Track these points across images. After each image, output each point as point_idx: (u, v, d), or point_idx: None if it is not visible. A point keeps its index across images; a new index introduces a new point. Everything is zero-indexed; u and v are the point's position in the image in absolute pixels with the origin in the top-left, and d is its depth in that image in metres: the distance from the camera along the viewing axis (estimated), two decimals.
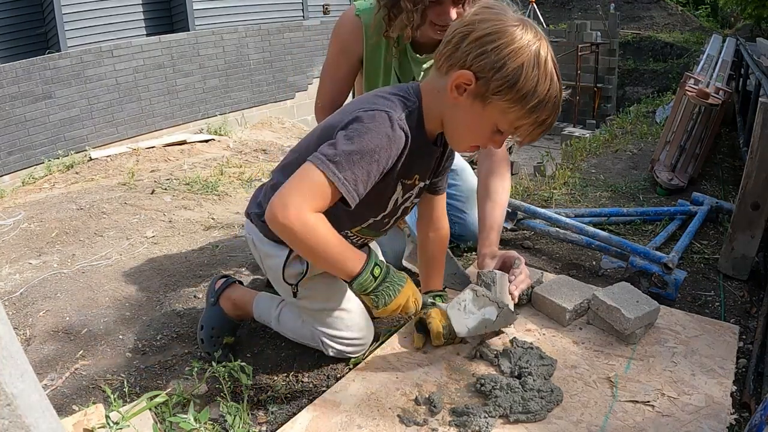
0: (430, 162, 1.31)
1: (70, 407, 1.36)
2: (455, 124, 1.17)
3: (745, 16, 12.04)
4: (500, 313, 1.36)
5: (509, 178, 1.72)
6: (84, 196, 3.46)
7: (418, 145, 1.19)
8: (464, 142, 1.20)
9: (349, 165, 1.07)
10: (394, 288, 1.20)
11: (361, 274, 1.16)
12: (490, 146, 1.18)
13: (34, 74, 6.34)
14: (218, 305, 1.55)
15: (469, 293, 1.34)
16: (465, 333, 1.34)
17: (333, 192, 1.08)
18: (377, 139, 1.09)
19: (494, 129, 1.13)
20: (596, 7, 15.44)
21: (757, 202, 1.74)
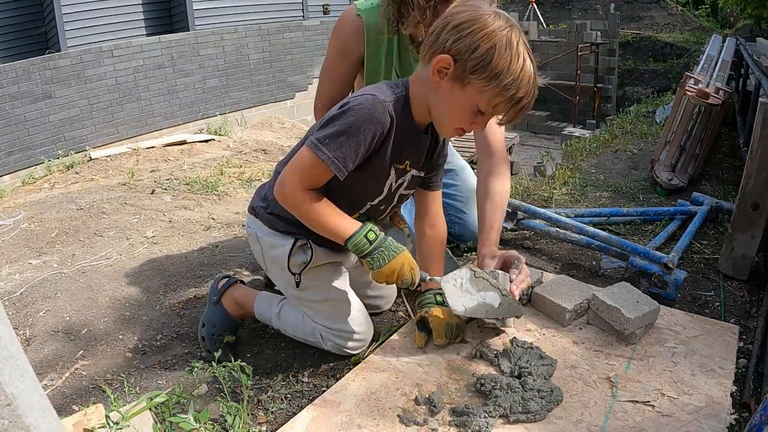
0: (420, 149, 1.37)
1: (70, 407, 1.36)
2: (439, 107, 1.25)
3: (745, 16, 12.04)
4: (503, 302, 1.35)
5: (509, 179, 1.72)
6: (84, 196, 3.46)
7: (406, 130, 1.28)
8: (449, 125, 1.27)
9: (337, 144, 1.19)
10: (389, 253, 1.27)
11: (355, 235, 1.26)
12: (475, 128, 1.26)
13: (34, 74, 6.35)
14: (220, 304, 1.56)
15: (467, 272, 1.34)
16: (461, 311, 1.34)
17: (324, 169, 1.21)
18: (362, 119, 1.19)
19: (474, 110, 1.20)
20: (596, 7, 15.45)
21: (757, 202, 1.74)
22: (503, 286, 1.42)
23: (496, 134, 1.73)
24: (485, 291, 1.34)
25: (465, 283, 1.34)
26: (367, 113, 1.19)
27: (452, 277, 1.35)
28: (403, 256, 1.28)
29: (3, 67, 6.17)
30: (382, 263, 1.26)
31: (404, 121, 1.27)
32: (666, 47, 13.34)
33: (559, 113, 13.20)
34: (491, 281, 1.35)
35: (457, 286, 1.34)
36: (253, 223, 1.46)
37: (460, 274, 1.35)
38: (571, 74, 12.69)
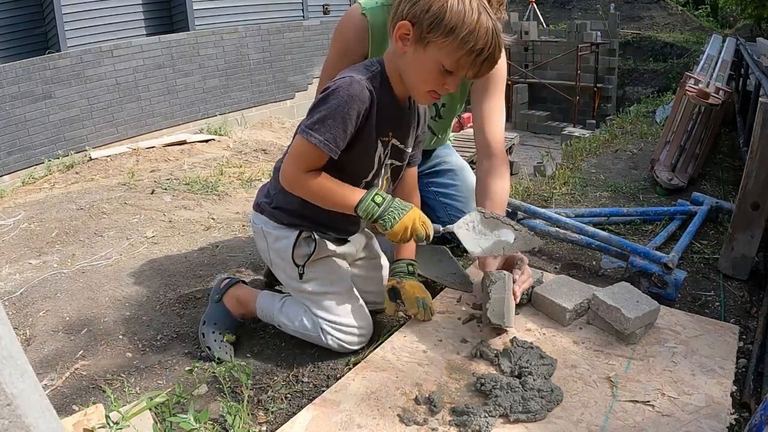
0: (403, 122, 1.42)
1: (70, 407, 1.37)
2: (408, 73, 1.30)
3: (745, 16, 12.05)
4: (518, 236, 1.38)
5: (508, 179, 1.71)
6: (84, 196, 3.46)
7: (387, 104, 1.34)
8: (420, 89, 1.30)
9: (325, 128, 1.26)
10: (399, 212, 1.32)
11: (363, 201, 1.32)
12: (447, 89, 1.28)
13: (34, 74, 6.34)
14: (221, 302, 1.58)
15: (476, 214, 1.38)
16: (479, 252, 1.38)
17: (318, 153, 1.28)
18: (344, 100, 1.25)
19: (441, 69, 1.24)
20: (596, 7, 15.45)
21: (757, 202, 1.74)
22: (498, 290, 1.43)
23: (496, 134, 1.72)
24: (498, 229, 1.37)
25: (477, 225, 1.37)
26: (346, 94, 1.25)
27: (463, 222, 1.39)
28: (414, 211, 1.34)
29: (3, 67, 6.17)
30: (394, 222, 1.31)
31: (384, 96, 1.32)
32: (666, 47, 13.34)
33: (559, 113, 13.21)
34: (501, 219, 1.38)
35: (470, 229, 1.37)
36: (259, 220, 1.50)
37: (470, 218, 1.39)
38: (571, 74, 12.70)
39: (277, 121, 7.96)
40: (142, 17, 8.56)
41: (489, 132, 1.71)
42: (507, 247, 1.38)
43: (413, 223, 1.32)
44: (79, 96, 6.79)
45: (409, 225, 1.32)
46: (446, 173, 2.06)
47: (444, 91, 1.30)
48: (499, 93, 1.74)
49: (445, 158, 2.09)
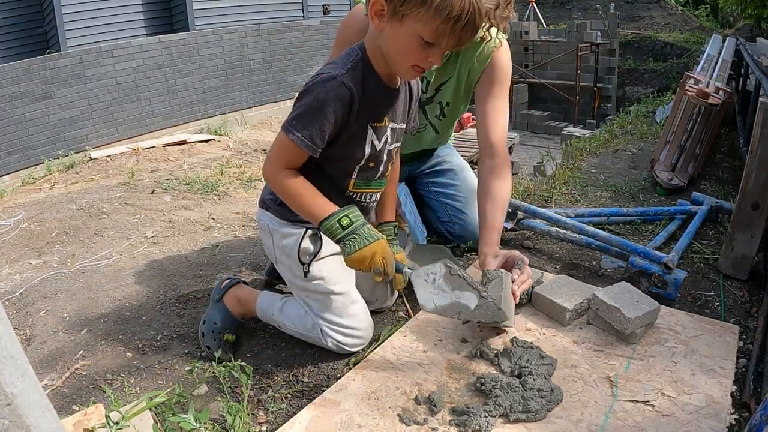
0: (395, 104, 1.40)
1: (71, 407, 1.37)
2: (389, 50, 1.26)
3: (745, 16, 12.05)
4: (482, 304, 1.27)
5: (510, 180, 1.72)
6: (84, 196, 3.46)
7: (375, 91, 1.31)
8: (403, 65, 1.26)
9: (303, 125, 1.26)
10: (362, 241, 1.29)
11: (328, 219, 1.30)
12: (431, 62, 1.24)
13: (34, 74, 6.35)
14: (222, 302, 1.57)
15: (441, 267, 1.27)
16: (431, 309, 1.29)
17: (296, 150, 1.28)
18: (320, 99, 1.25)
19: (420, 41, 1.20)
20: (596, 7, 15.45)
21: (756, 202, 1.74)
22: (504, 293, 1.41)
23: (499, 135, 1.72)
24: (461, 290, 1.26)
25: (438, 279, 1.27)
26: (323, 93, 1.24)
27: (425, 271, 1.29)
28: (377, 244, 1.29)
29: (3, 67, 6.17)
30: (352, 250, 1.28)
31: (370, 83, 1.30)
32: (666, 47, 13.34)
33: (559, 113, 13.21)
34: (468, 281, 1.27)
35: (429, 281, 1.28)
36: (265, 216, 1.49)
37: (434, 268, 1.28)
38: (571, 74, 12.70)
39: (277, 121, 7.97)
40: (142, 17, 8.57)
41: (492, 132, 1.71)
42: (465, 313, 1.27)
43: (373, 256, 1.28)
44: (79, 96, 6.79)
45: (368, 257, 1.28)
46: (446, 173, 2.06)
47: (428, 65, 1.26)
48: (504, 93, 1.75)
49: (446, 158, 2.09)
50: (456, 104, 1.86)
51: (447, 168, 2.07)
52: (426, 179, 2.09)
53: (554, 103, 13.25)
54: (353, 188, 1.43)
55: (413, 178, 2.11)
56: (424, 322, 1.54)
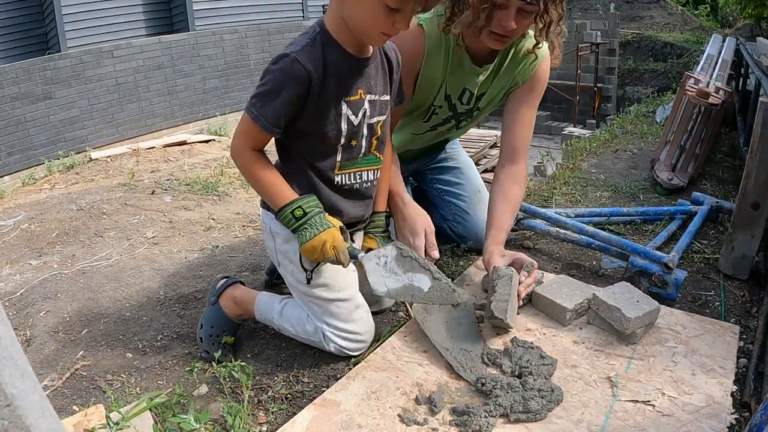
0: (369, 73, 1.34)
1: (71, 408, 1.37)
2: (354, 20, 1.23)
3: (745, 16, 12.04)
4: (435, 285, 1.23)
5: (524, 186, 1.76)
6: (84, 197, 3.46)
7: (337, 63, 1.28)
8: (371, 33, 1.23)
9: (263, 103, 1.25)
10: (312, 230, 1.28)
11: (283, 209, 1.29)
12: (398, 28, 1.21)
13: (35, 75, 6.35)
14: (217, 304, 1.55)
15: (393, 249, 1.25)
16: (383, 292, 1.27)
17: (256, 128, 1.26)
18: (278, 80, 1.23)
19: (386, 8, 1.16)
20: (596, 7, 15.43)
21: (757, 202, 1.73)
22: (510, 294, 1.41)
23: (525, 143, 1.75)
24: (413, 272, 1.23)
25: (390, 261, 1.24)
26: (281, 74, 1.23)
27: (376, 254, 1.27)
28: (327, 233, 1.28)
29: (3, 68, 6.17)
30: (303, 240, 1.28)
31: (332, 57, 1.27)
32: (666, 47, 13.33)
33: (559, 113, 13.20)
34: (420, 262, 1.23)
35: (380, 264, 1.25)
36: (268, 218, 1.46)
37: (385, 251, 1.26)
38: (571, 74, 12.69)
39: None
40: (143, 18, 8.58)
41: (519, 139, 1.73)
42: (418, 295, 1.23)
43: (323, 245, 1.27)
44: (80, 96, 6.80)
45: (318, 247, 1.27)
46: (452, 170, 2.06)
47: (395, 31, 1.22)
48: (537, 103, 1.77)
49: (453, 155, 2.09)
50: (487, 109, 1.87)
51: (453, 165, 2.07)
52: (430, 175, 2.09)
53: (554, 103, 13.24)
54: (340, 170, 1.38)
55: (417, 173, 2.12)
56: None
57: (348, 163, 1.39)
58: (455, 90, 1.70)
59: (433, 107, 1.74)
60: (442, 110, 1.76)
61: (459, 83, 1.68)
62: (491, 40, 1.48)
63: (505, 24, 1.41)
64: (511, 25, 1.41)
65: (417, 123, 1.81)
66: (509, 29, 1.42)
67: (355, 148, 1.38)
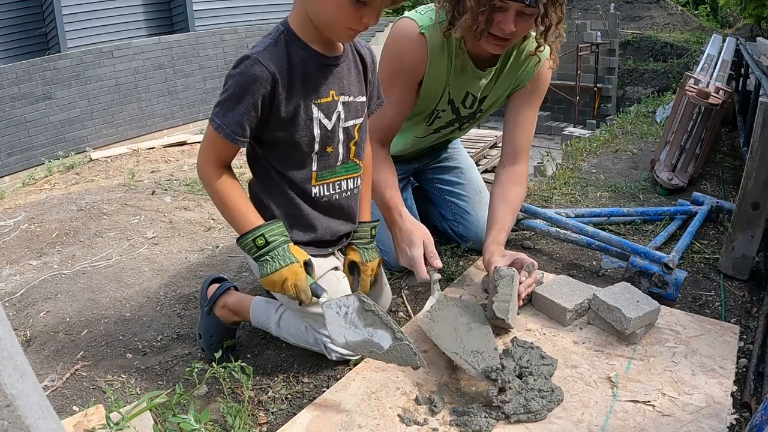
0: (337, 74, 1.28)
1: (71, 408, 1.37)
2: (319, 16, 1.17)
3: (745, 16, 12.03)
4: (396, 346, 1.16)
5: (526, 187, 1.76)
6: (84, 197, 3.46)
7: (303, 63, 1.21)
8: (337, 28, 1.18)
9: (224, 112, 1.18)
10: (274, 264, 1.20)
11: (245, 236, 1.23)
12: (366, 23, 1.16)
13: (35, 75, 6.35)
14: (213, 314, 1.51)
15: (355, 301, 1.19)
16: (342, 344, 1.22)
17: (220, 139, 1.19)
18: (241, 84, 1.16)
19: (352, 3, 1.11)
20: (596, 7, 15.43)
21: (757, 202, 1.73)
22: (510, 293, 1.41)
23: (526, 144, 1.75)
24: (374, 327, 1.17)
25: (351, 313, 1.18)
26: (242, 77, 1.15)
27: (337, 303, 1.20)
28: (288, 270, 1.20)
29: (3, 68, 6.18)
30: (264, 273, 1.21)
31: (298, 56, 1.20)
32: (666, 47, 13.32)
33: (559, 113, 13.20)
34: (383, 318, 1.17)
35: (341, 314, 1.19)
36: None
37: (347, 301, 1.19)
38: (571, 74, 12.69)
39: None
40: (143, 18, 8.58)
41: (520, 140, 1.74)
42: (377, 352, 1.17)
43: (284, 282, 1.20)
44: (80, 97, 6.80)
45: (278, 282, 1.20)
46: (452, 170, 2.06)
47: (363, 26, 1.16)
48: (538, 104, 1.77)
49: (454, 154, 2.10)
50: (490, 110, 1.87)
51: (454, 165, 2.07)
52: (431, 174, 2.09)
53: (554, 104, 13.24)
54: (317, 181, 1.31)
55: (418, 172, 2.12)
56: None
57: (325, 172, 1.32)
58: (458, 94, 1.70)
59: (437, 111, 1.74)
60: (445, 114, 1.76)
61: (462, 88, 1.68)
62: (491, 45, 1.49)
63: (504, 27, 1.41)
64: (510, 27, 1.41)
65: (420, 126, 1.81)
66: (509, 32, 1.42)
67: (332, 156, 1.32)
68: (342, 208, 1.39)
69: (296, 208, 1.32)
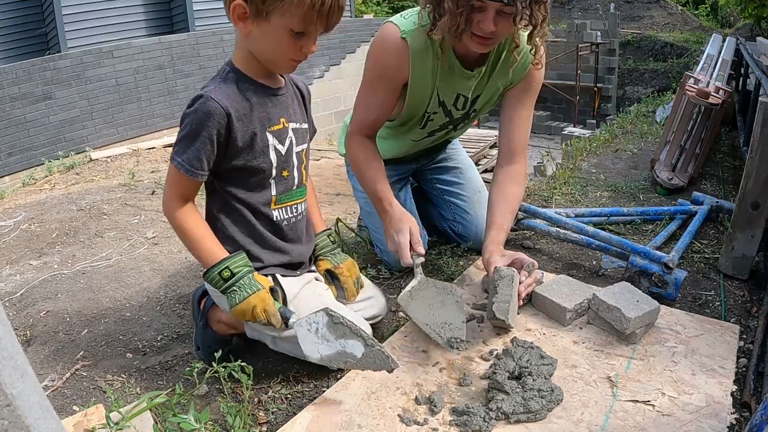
0: (284, 102, 1.37)
1: (71, 408, 1.37)
2: (262, 51, 1.25)
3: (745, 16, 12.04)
4: (369, 352, 1.20)
5: (524, 186, 1.76)
6: (84, 197, 3.47)
7: (254, 96, 1.29)
8: (280, 62, 1.27)
9: (183, 149, 1.24)
10: (241, 294, 1.25)
11: (211, 270, 1.27)
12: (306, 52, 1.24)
13: (35, 75, 6.35)
14: (209, 328, 1.50)
15: (323, 316, 1.23)
16: (317, 359, 1.26)
17: (181, 176, 1.25)
18: (197, 121, 1.22)
19: (291, 34, 1.19)
20: (596, 7, 15.43)
21: (757, 202, 1.73)
22: (505, 286, 1.42)
23: (522, 143, 1.75)
24: (345, 338, 1.22)
25: (322, 328, 1.23)
26: (197, 115, 1.21)
27: (306, 321, 1.25)
28: (256, 297, 1.25)
29: (3, 68, 6.18)
30: (233, 303, 1.25)
31: (248, 90, 1.28)
32: (666, 47, 13.33)
33: (559, 113, 13.21)
34: (352, 328, 1.21)
35: (311, 331, 1.24)
36: None
37: (316, 318, 1.24)
38: (571, 74, 12.69)
39: None
40: (143, 18, 8.58)
41: (515, 139, 1.74)
42: (352, 362, 1.22)
43: (253, 309, 1.24)
44: (80, 97, 6.80)
45: (248, 310, 1.24)
46: (452, 170, 2.06)
47: (303, 56, 1.25)
48: (532, 102, 1.77)
49: (453, 155, 2.10)
50: (483, 110, 1.87)
51: (453, 165, 2.07)
52: (431, 175, 2.09)
53: (554, 103, 13.25)
54: (277, 205, 1.38)
55: (417, 173, 2.12)
56: None
57: (283, 196, 1.39)
58: (449, 96, 1.70)
59: (428, 114, 1.74)
60: (437, 116, 1.76)
61: (452, 89, 1.68)
62: (475, 43, 1.48)
63: (484, 27, 1.41)
64: (490, 27, 1.40)
65: (414, 131, 1.82)
66: (488, 32, 1.42)
67: (289, 180, 1.39)
68: (300, 230, 1.46)
69: (259, 233, 1.38)
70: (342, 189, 4.65)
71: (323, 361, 1.26)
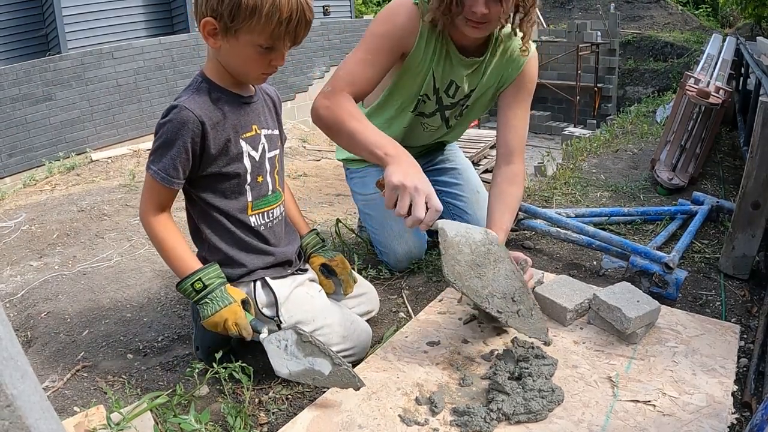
0: (255, 110, 1.39)
1: (71, 408, 1.37)
2: (232, 66, 1.29)
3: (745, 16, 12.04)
4: (336, 371, 1.22)
5: (523, 187, 1.75)
6: (85, 198, 3.47)
7: (226, 104, 1.31)
8: (250, 75, 1.31)
9: (159, 158, 1.26)
10: (213, 306, 1.27)
11: (184, 281, 1.28)
12: (275, 66, 1.29)
13: (35, 76, 6.35)
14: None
15: (292, 334, 1.25)
16: (285, 375, 1.28)
17: (156, 184, 1.27)
18: (172, 130, 1.24)
19: (260, 49, 1.23)
20: (596, 7, 15.43)
21: (757, 201, 1.73)
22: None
23: (520, 142, 1.74)
24: (313, 356, 1.24)
25: (291, 345, 1.26)
26: (171, 124, 1.24)
27: (276, 337, 1.28)
28: (227, 310, 1.26)
29: (4, 69, 6.18)
30: (206, 315, 1.27)
31: (220, 100, 1.30)
32: (666, 47, 13.33)
33: (559, 113, 13.21)
34: (320, 347, 1.23)
35: (281, 347, 1.27)
36: None
37: (285, 335, 1.27)
38: (571, 74, 12.69)
39: None
40: (143, 19, 8.58)
41: (513, 139, 1.73)
42: (319, 379, 1.24)
43: (225, 322, 1.26)
44: (80, 98, 6.80)
45: (220, 323, 1.26)
46: (450, 171, 2.06)
47: (273, 69, 1.30)
48: (528, 101, 1.77)
49: (451, 156, 2.10)
50: (477, 107, 1.87)
51: (451, 167, 2.07)
52: (429, 176, 2.07)
53: (555, 103, 13.25)
54: (253, 211, 1.40)
55: None
56: (425, 322, 1.54)
57: (259, 202, 1.41)
58: (443, 82, 1.71)
59: (421, 97, 1.74)
60: (430, 102, 1.77)
61: (446, 75, 1.69)
62: (468, 28, 1.50)
63: (475, 10, 1.43)
64: (481, 10, 1.43)
65: (406, 115, 1.81)
66: (480, 15, 1.44)
67: (263, 186, 1.41)
68: (280, 232, 1.47)
69: (240, 239, 1.38)
70: (342, 190, 4.65)
71: (291, 377, 1.28)
